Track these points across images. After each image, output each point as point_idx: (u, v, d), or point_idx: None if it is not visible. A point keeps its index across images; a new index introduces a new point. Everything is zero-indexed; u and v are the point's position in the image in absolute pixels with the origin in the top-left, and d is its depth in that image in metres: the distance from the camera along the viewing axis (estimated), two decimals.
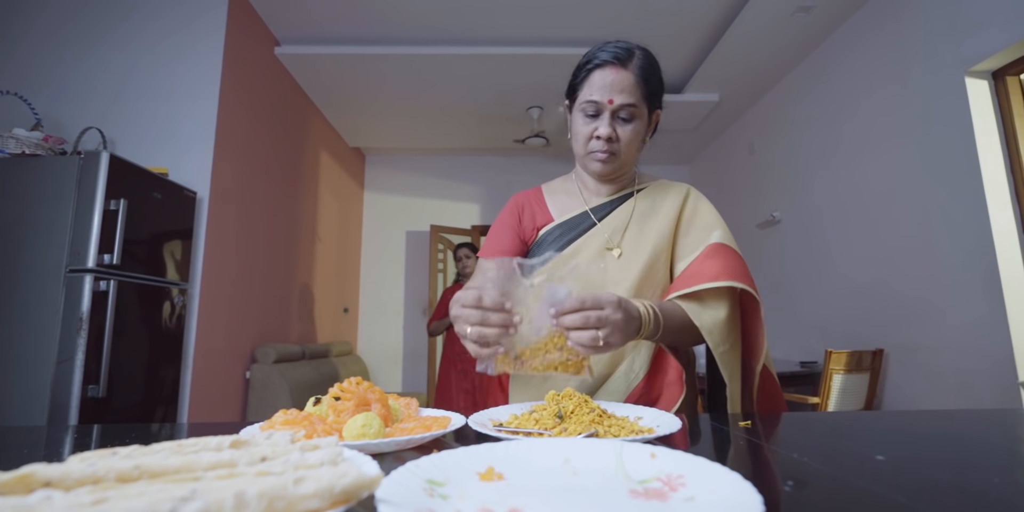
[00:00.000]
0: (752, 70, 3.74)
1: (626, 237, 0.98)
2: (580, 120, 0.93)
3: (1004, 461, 0.51)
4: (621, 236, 0.98)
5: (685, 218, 0.99)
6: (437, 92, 4.10)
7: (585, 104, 0.90)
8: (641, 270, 0.94)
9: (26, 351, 1.90)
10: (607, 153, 0.92)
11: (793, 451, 0.54)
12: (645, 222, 0.98)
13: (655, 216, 0.99)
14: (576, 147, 0.95)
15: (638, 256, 0.96)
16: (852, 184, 3.08)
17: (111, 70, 2.68)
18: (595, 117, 0.91)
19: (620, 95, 0.88)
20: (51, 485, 0.28)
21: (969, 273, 2.30)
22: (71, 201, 1.99)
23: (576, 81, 0.93)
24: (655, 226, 0.98)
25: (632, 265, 0.95)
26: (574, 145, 0.96)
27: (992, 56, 2.19)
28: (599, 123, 0.91)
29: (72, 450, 0.62)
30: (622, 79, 0.88)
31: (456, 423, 0.62)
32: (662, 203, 1.00)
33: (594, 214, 1.00)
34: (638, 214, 0.99)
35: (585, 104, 0.90)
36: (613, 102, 0.88)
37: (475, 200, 5.57)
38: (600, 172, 0.96)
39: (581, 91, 0.91)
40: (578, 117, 0.93)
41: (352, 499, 0.29)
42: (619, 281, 0.94)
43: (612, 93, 0.88)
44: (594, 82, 0.89)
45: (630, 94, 0.89)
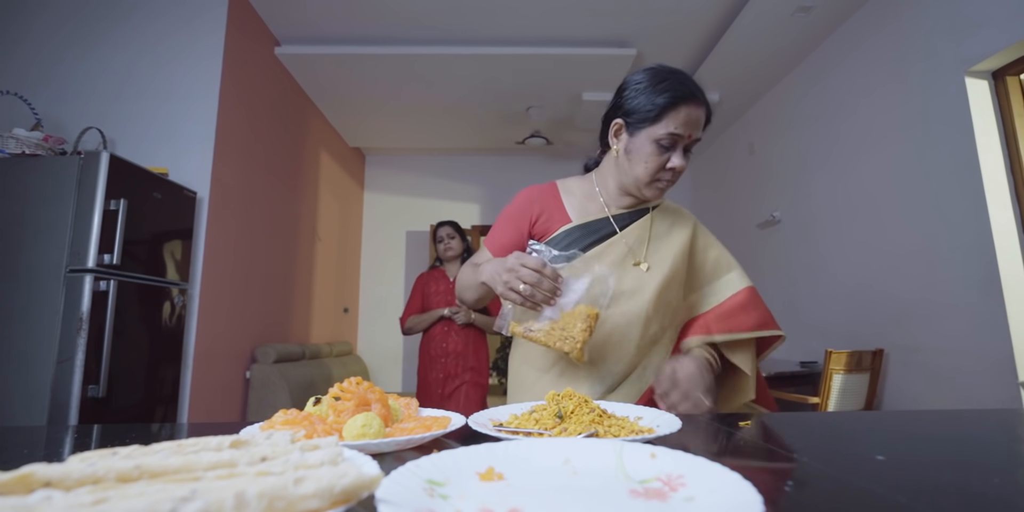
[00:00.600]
0: (752, 70, 3.74)
1: (649, 251, 1.04)
2: (651, 148, 0.94)
3: (1004, 461, 0.51)
4: (644, 249, 1.04)
5: (697, 248, 1.09)
6: (437, 92, 4.10)
7: (664, 136, 0.92)
8: (660, 286, 1.01)
9: (26, 351, 1.90)
10: (671, 182, 0.98)
11: (793, 451, 0.54)
12: (663, 241, 1.05)
13: (670, 237, 1.06)
14: (638, 171, 0.97)
15: (659, 272, 1.02)
16: (852, 184, 3.08)
17: (111, 70, 2.68)
18: (669, 149, 0.94)
19: (697, 130, 0.94)
20: (51, 485, 0.28)
21: (969, 273, 2.30)
22: (71, 201, 1.99)
23: (652, 110, 0.93)
24: (672, 247, 1.05)
25: (653, 279, 1.01)
26: (634, 168, 0.97)
27: (992, 56, 2.19)
28: (673, 155, 0.94)
29: (72, 450, 0.62)
30: (700, 115, 0.93)
31: (456, 423, 0.62)
32: (676, 227, 1.08)
33: (615, 222, 1.04)
34: (657, 232, 1.06)
35: (664, 136, 0.92)
36: (691, 136, 0.94)
37: (475, 200, 5.58)
38: (653, 198, 1.02)
39: (660, 122, 0.92)
40: (647, 144, 0.94)
41: (352, 499, 0.29)
42: (641, 292, 1.00)
43: (692, 128, 0.93)
44: (680, 116, 0.92)
45: (701, 128, 0.95)
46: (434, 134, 5.04)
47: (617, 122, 0.99)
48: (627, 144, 0.98)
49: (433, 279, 2.74)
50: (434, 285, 2.71)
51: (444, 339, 2.60)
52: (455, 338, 2.60)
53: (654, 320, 1.01)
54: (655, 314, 1.01)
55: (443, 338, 2.61)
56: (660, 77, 0.94)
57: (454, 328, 2.60)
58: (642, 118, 0.94)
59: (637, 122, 0.95)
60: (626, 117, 0.97)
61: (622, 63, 3.67)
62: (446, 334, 2.61)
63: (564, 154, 5.55)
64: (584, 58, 3.60)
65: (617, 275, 0.98)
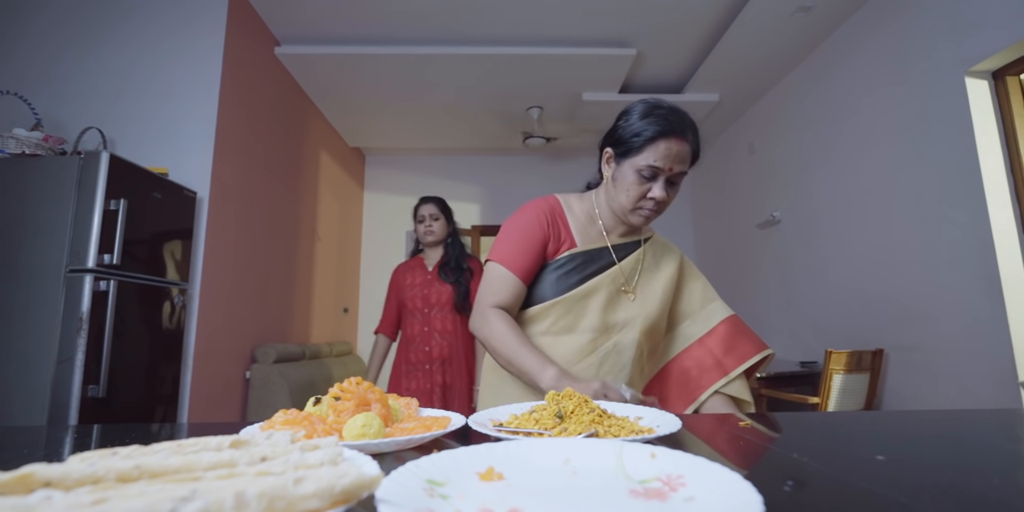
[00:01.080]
0: (752, 70, 3.74)
1: (638, 283, 1.10)
2: (633, 177, 0.99)
3: (1004, 461, 0.51)
4: (635, 281, 1.10)
5: (684, 280, 1.18)
6: (437, 92, 4.10)
7: (645, 167, 0.97)
8: (650, 317, 1.07)
9: (26, 351, 1.90)
10: (653, 212, 1.02)
11: (793, 451, 0.54)
12: (652, 273, 1.12)
13: (659, 270, 1.13)
14: (621, 198, 1.02)
15: (649, 303, 1.08)
16: (852, 184, 3.08)
17: (111, 70, 2.67)
18: (650, 179, 0.98)
19: (679, 164, 0.98)
20: (51, 485, 0.28)
21: (969, 273, 2.30)
22: (71, 201, 1.99)
23: (635, 141, 0.98)
24: (660, 279, 1.12)
25: (643, 310, 1.07)
26: (618, 195, 1.02)
27: (992, 56, 2.19)
28: (654, 185, 0.99)
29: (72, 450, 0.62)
30: (682, 150, 0.97)
31: (456, 423, 0.62)
32: (663, 260, 1.15)
33: (615, 252, 1.09)
34: (647, 264, 1.12)
35: (645, 167, 0.97)
36: (672, 170, 0.98)
37: (475, 200, 5.57)
38: (638, 225, 1.05)
39: (642, 154, 0.97)
40: (630, 173, 0.99)
41: (352, 499, 0.29)
42: (632, 323, 1.06)
43: (673, 162, 0.97)
44: (659, 149, 0.96)
45: (685, 163, 0.99)
46: (434, 134, 5.04)
47: (608, 151, 1.05)
48: (614, 172, 1.03)
49: (409, 270, 2.29)
50: (410, 277, 2.26)
51: (426, 341, 2.17)
52: (439, 341, 2.16)
53: (644, 351, 1.08)
54: (645, 344, 1.08)
55: (424, 340, 2.17)
56: (649, 111, 0.99)
57: (437, 327, 2.17)
58: (627, 149, 0.99)
59: (623, 152, 1.00)
60: (615, 147, 1.02)
61: (622, 63, 3.67)
62: (427, 335, 2.17)
63: (564, 154, 5.55)
64: (584, 58, 3.60)
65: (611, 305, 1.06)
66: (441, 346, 2.16)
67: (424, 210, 2.27)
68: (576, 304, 1.05)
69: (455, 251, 2.25)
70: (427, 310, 2.18)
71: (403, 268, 2.33)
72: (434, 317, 2.18)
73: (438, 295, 2.18)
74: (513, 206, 6.09)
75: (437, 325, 2.17)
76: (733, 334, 1.12)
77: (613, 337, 1.05)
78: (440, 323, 2.17)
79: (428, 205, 2.27)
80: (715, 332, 1.12)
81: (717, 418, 0.76)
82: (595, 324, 1.04)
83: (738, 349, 1.10)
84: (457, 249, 2.26)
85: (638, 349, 1.06)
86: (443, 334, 2.17)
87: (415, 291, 2.21)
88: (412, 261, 2.33)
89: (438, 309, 2.18)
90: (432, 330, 2.18)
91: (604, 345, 1.05)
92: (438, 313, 2.18)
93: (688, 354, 1.13)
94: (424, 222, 2.25)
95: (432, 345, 2.16)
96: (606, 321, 1.05)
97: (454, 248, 2.26)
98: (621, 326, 1.06)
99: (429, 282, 2.21)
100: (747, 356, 1.09)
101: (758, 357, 1.09)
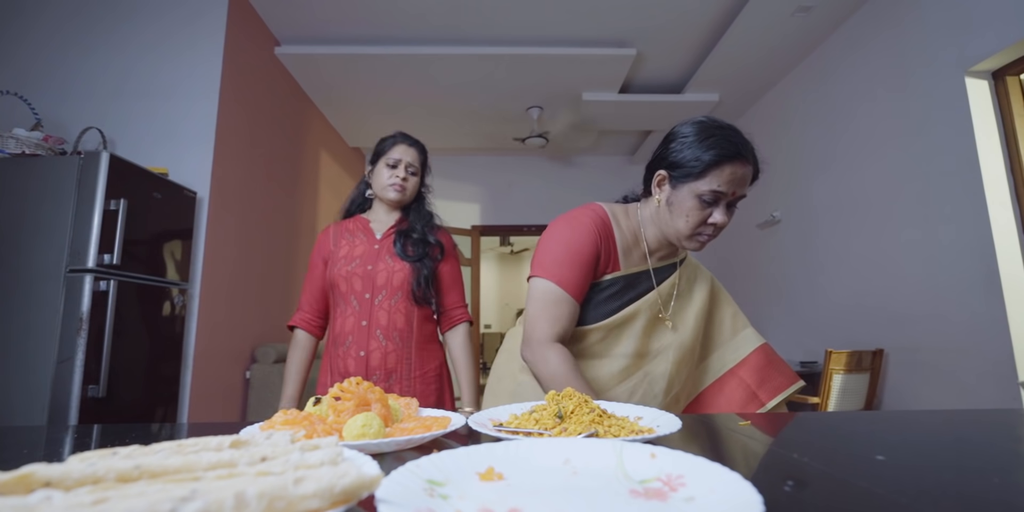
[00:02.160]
0: (752, 70, 3.74)
1: (674, 309, 1.07)
2: (693, 202, 0.93)
3: (1004, 461, 0.51)
4: (671, 307, 1.07)
5: (717, 306, 1.14)
6: (437, 92, 4.10)
7: (707, 192, 0.92)
8: (684, 345, 1.05)
9: (26, 351, 1.90)
10: (712, 237, 0.97)
11: (793, 451, 0.54)
12: (685, 299, 1.09)
13: (692, 295, 1.09)
14: (679, 224, 0.96)
15: (682, 332, 1.06)
16: (852, 184, 3.08)
17: (111, 70, 2.68)
18: (712, 204, 0.93)
19: (742, 188, 0.94)
20: (51, 485, 0.28)
21: (969, 273, 2.30)
22: (71, 201, 1.99)
23: (695, 165, 0.92)
24: (694, 306, 1.09)
25: (677, 339, 1.05)
26: (675, 220, 0.96)
27: (992, 56, 2.19)
28: (716, 210, 0.94)
29: (72, 450, 0.62)
30: (746, 174, 0.93)
31: (456, 423, 0.62)
32: (697, 285, 1.11)
33: (655, 276, 1.05)
34: (681, 289, 1.09)
35: (707, 192, 0.92)
36: (735, 194, 0.94)
37: (475, 200, 5.57)
38: (694, 250, 1.00)
39: (704, 179, 0.91)
40: (689, 198, 0.93)
41: (352, 499, 0.29)
42: (665, 352, 1.04)
43: (736, 186, 0.93)
44: (724, 174, 0.91)
45: (746, 185, 0.95)
46: (434, 134, 5.04)
47: (661, 173, 0.98)
48: (669, 195, 0.97)
49: (346, 234, 1.50)
50: (347, 245, 1.47)
51: (361, 343, 1.39)
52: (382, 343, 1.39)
53: (675, 380, 1.04)
54: (677, 375, 1.04)
55: (359, 341, 1.39)
56: (708, 132, 0.93)
57: (381, 322, 1.40)
58: (686, 173, 0.93)
59: (681, 176, 0.94)
60: (670, 170, 0.96)
61: (622, 63, 3.67)
62: (364, 334, 1.39)
63: (564, 154, 5.55)
64: (584, 58, 3.60)
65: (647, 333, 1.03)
66: (384, 351, 1.38)
67: (403, 154, 1.48)
68: (612, 331, 1.02)
69: (422, 218, 1.53)
70: (368, 295, 1.41)
71: (337, 231, 1.52)
72: (378, 307, 1.40)
73: (388, 275, 1.42)
74: (513, 206, 6.05)
75: (382, 319, 1.40)
76: (766, 365, 1.10)
77: (645, 366, 1.03)
78: (387, 317, 1.40)
79: (411, 149, 1.50)
80: (747, 362, 1.10)
81: (717, 418, 0.76)
82: (630, 351, 1.02)
83: (772, 381, 1.09)
84: (425, 216, 1.54)
85: (669, 381, 1.03)
86: (389, 333, 1.40)
87: (353, 266, 1.43)
88: (351, 222, 1.53)
89: (386, 295, 1.41)
90: (373, 325, 1.40)
91: (636, 374, 1.03)
92: (385, 301, 1.41)
93: (721, 385, 1.11)
94: (397, 169, 1.47)
95: (370, 349, 1.38)
96: (640, 349, 1.02)
97: (420, 213, 1.54)
98: (655, 354, 1.04)
99: (376, 255, 1.45)
100: (781, 388, 1.08)
101: (792, 390, 1.08)
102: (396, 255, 1.44)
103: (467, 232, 5.34)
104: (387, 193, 1.47)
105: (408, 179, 1.49)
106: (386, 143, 1.51)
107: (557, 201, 5.35)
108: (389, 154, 1.48)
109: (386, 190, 1.47)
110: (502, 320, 10.73)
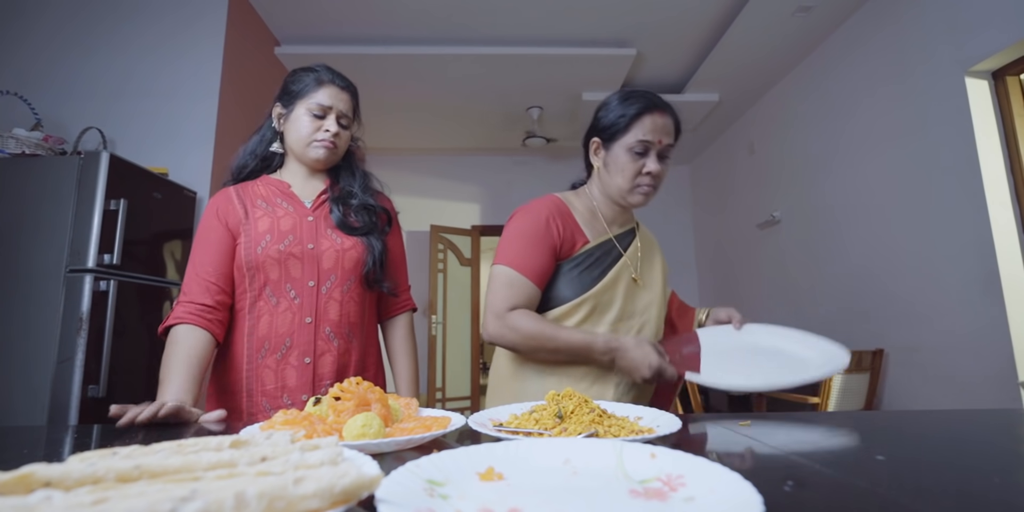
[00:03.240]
0: (752, 70, 3.74)
1: (642, 270, 1.14)
2: (626, 156, 1.03)
3: (1004, 461, 0.51)
4: (638, 267, 1.13)
5: (666, 269, 1.23)
6: (437, 92, 4.10)
7: (636, 144, 1.02)
8: (656, 302, 1.13)
9: (26, 351, 1.90)
10: (651, 188, 1.05)
11: (793, 451, 0.54)
12: (648, 261, 1.16)
13: (653, 259, 1.18)
14: (618, 180, 1.05)
15: (653, 290, 1.13)
16: (852, 184, 3.08)
17: (112, 70, 2.68)
18: (643, 155, 1.03)
19: (667, 137, 1.03)
20: (51, 485, 0.28)
21: (969, 273, 2.30)
22: (71, 201, 1.99)
23: (621, 121, 1.03)
24: (655, 268, 1.17)
25: (652, 296, 1.13)
26: (614, 178, 1.06)
27: (992, 56, 2.19)
28: (647, 160, 1.03)
29: (72, 450, 0.62)
30: (667, 123, 1.03)
31: (456, 423, 0.62)
32: (654, 250, 1.20)
33: (618, 243, 1.12)
34: (643, 252, 1.16)
35: (636, 144, 1.02)
36: (662, 142, 1.02)
37: (475, 200, 5.57)
38: (639, 205, 1.08)
39: (630, 132, 1.02)
40: (622, 154, 1.04)
41: (352, 499, 0.29)
42: (648, 309, 1.11)
43: (661, 134, 1.02)
44: (646, 124, 1.02)
45: (671, 135, 1.04)
46: (434, 134, 5.04)
47: (595, 141, 1.09)
48: (605, 158, 1.07)
49: (258, 200, 1.10)
50: (264, 215, 1.07)
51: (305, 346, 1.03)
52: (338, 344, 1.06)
53: (659, 330, 1.13)
54: (659, 331, 1.13)
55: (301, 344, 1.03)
56: (627, 95, 1.06)
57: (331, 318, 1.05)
58: (614, 131, 1.04)
59: (610, 136, 1.05)
60: (600, 134, 1.07)
61: (622, 63, 3.67)
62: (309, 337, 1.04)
63: (564, 154, 5.55)
64: (584, 58, 3.60)
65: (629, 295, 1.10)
66: (335, 354, 1.05)
67: (333, 99, 1.11)
68: (602, 297, 1.06)
69: (357, 179, 1.19)
70: (312, 283, 1.05)
71: (243, 195, 1.10)
72: (327, 297, 1.06)
73: (337, 255, 1.08)
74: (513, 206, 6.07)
75: (331, 312, 1.06)
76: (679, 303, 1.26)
77: (635, 324, 1.09)
78: (338, 309, 1.07)
79: (343, 92, 1.14)
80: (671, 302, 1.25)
81: (717, 418, 0.76)
82: (617, 315, 1.07)
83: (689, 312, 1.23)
84: (361, 176, 1.20)
85: (655, 333, 1.11)
86: (340, 330, 1.06)
87: (286, 244, 1.04)
88: (257, 185, 1.13)
89: (336, 281, 1.07)
90: (321, 322, 1.05)
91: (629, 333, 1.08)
92: (335, 289, 1.07)
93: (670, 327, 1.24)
94: (325, 120, 1.10)
95: (319, 353, 1.03)
96: (627, 310, 1.09)
97: (353, 173, 1.20)
98: (640, 313, 1.10)
99: (314, 229, 1.09)
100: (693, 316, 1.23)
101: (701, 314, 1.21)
102: (337, 228, 1.09)
103: (467, 232, 5.33)
104: (312, 151, 1.09)
105: (340, 134, 1.11)
106: (307, 81, 1.12)
107: None
108: (312, 97, 1.09)
109: (311, 147, 1.09)
110: None
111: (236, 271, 1.04)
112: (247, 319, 1.03)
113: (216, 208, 1.07)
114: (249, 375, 1.01)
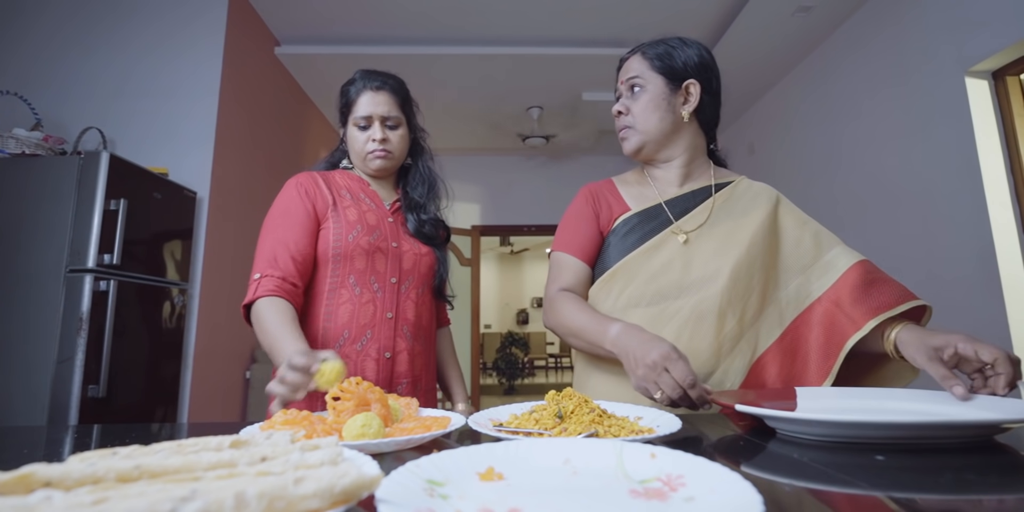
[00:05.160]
0: (752, 70, 3.74)
1: (713, 230, 0.93)
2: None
3: (1004, 461, 0.51)
4: (702, 232, 0.93)
5: (785, 226, 0.97)
6: (437, 92, 4.10)
7: None
8: (733, 272, 0.89)
9: (26, 351, 1.90)
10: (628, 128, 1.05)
11: (793, 451, 0.54)
12: (735, 222, 0.94)
13: (746, 217, 0.94)
14: None
15: (732, 255, 0.90)
16: (852, 184, 3.08)
17: (111, 70, 2.68)
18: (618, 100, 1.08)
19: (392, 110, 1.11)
20: (51, 485, 0.28)
21: (969, 273, 2.30)
22: (71, 201, 1.99)
23: None
24: (746, 228, 0.93)
25: (726, 264, 0.90)
26: None
27: (992, 56, 2.19)
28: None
29: (72, 450, 0.62)
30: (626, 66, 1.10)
31: (456, 423, 0.62)
32: (753, 206, 0.96)
33: (669, 208, 0.96)
34: (720, 215, 0.95)
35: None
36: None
37: (475, 200, 5.57)
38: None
39: None
40: None
41: (352, 499, 0.29)
42: (713, 280, 0.89)
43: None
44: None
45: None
46: (434, 134, 4.96)
47: (689, 81, 1.03)
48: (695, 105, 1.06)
49: (343, 190, 1.10)
50: (351, 205, 1.07)
51: (386, 341, 1.03)
52: (408, 344, 1.06)
53: (729, 314, 0.88)
54: (729, 307, 0.88)
55: (384, 340, 1.03)
56: None
57: (409, 317, 1.06)
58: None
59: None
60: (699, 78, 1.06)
61: None
62: (389, 331, 1.04)
63: (564, 154, 5.55)
64: (584, 58, 3.61)
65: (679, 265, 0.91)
66: (412, 353, 1.06)
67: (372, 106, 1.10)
68: (641, 267, 0.91)
69: (426, 187, 1.21)
70: (395, 280, 1.06)
71: (328, 181, 1.10)
72: (406, 297, 1.07)
73: (415, 258, 1.10)
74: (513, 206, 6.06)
75: (409, 312, 1.06)
76: (862, 284, 0.86)
77: (688, 302, 0.88)
78: (414, 310, 1.08)
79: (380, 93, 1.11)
80: (838, 285, 0.89)
81: (717, 418, 0.76)
82: (663, 289, 0.89)
83: (871, 300, 0.84)
84: (429, 187, 1.22)
85: (720, 315, 0.87)
86: (416, 331, 1.08)
87: (375, 238, 1.05)
88: (342, 176, 1.15)
89: (413, 283, 1.08)
90: (401, 320, 1.05)
91: (679, 314, 0.88)
92: (412, 290, 1.08)
93: (807, 318, 0.89)
94: (369, 130, 1.10)
95: (397, 350, 1.04)
96: (677, 282, 0.89)
97: (422, 179, 1.22)
98: (699, 286, 0.89)
99: (394, 230, 1.10)
100: (884, 307, 0.82)
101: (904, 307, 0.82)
102: (410, 233, 1.12)
103: (467, 232, 5.33)
104: (369, 164, 1.10)
105: (389, 139, 1.09)
106: (349, 95, 1.14)
107: (557, 201, 5.34)
108: (355, 110, 1.11)
109: (367, 160, 1.10)
110: (502, 320, 10.73)
111: (320, 256, 1.03)
112: (324, 304, 1.02)
113: (304, 188, 1.06)
114: None
